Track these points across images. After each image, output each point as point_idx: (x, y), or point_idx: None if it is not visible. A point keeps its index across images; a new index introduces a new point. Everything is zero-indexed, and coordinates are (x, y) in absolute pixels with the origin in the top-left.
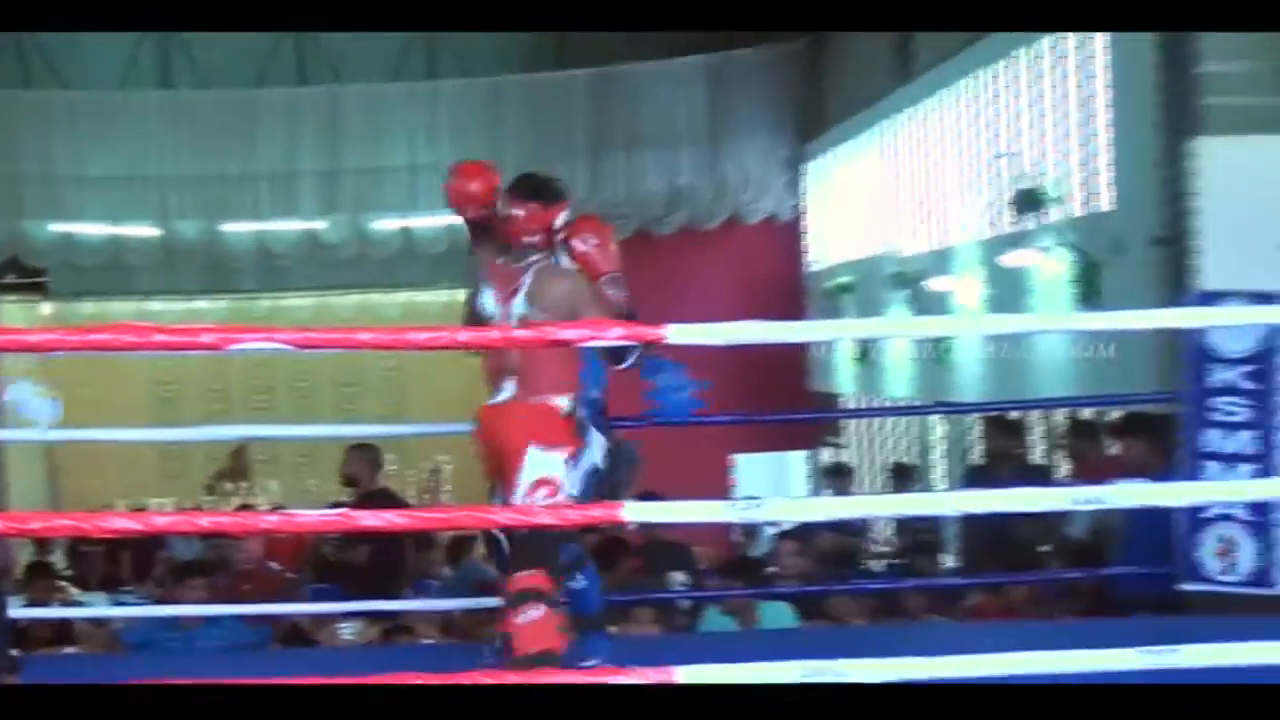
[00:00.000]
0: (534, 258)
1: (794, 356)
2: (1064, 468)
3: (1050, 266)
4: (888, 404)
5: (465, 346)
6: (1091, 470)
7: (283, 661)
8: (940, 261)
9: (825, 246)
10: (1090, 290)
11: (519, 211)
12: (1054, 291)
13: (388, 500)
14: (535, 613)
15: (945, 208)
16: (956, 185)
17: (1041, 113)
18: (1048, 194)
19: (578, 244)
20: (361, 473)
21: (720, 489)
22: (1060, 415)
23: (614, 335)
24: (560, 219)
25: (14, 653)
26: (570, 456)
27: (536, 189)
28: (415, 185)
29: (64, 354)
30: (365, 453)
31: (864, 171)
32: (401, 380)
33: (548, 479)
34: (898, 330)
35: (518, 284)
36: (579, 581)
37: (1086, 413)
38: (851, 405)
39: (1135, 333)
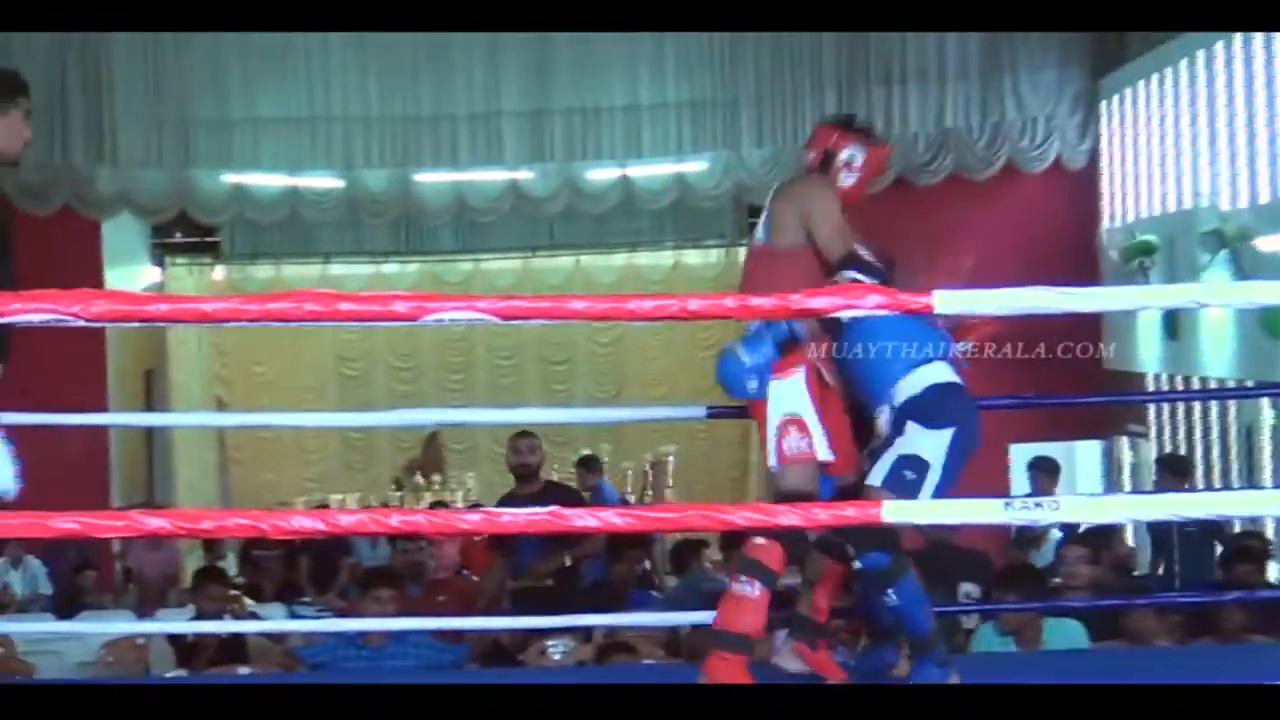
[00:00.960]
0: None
1: (1086, 329)
2: None
3: None
4: (1204, 386)
5: (695, 317)
6: None
7: (482, 682)
8: (1271, 217)
9: (1124, 199)
10: None
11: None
12: None
13: (563, 495)
14: (749, 589)
15: (1277, 152)
16: None
17: None
18: None
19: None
20: (530, 461)
21: (996, 485)
22: None
23: (871, 304)
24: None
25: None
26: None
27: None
28: (636, 128)
29: (237, 325)
30: (525, 440)
31: (1172, 111)
32: (619, 357)
33: (793, 416)
34: (1216, 298)
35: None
36: (891, 599)
37: None
38: (1155, 387)
39: None
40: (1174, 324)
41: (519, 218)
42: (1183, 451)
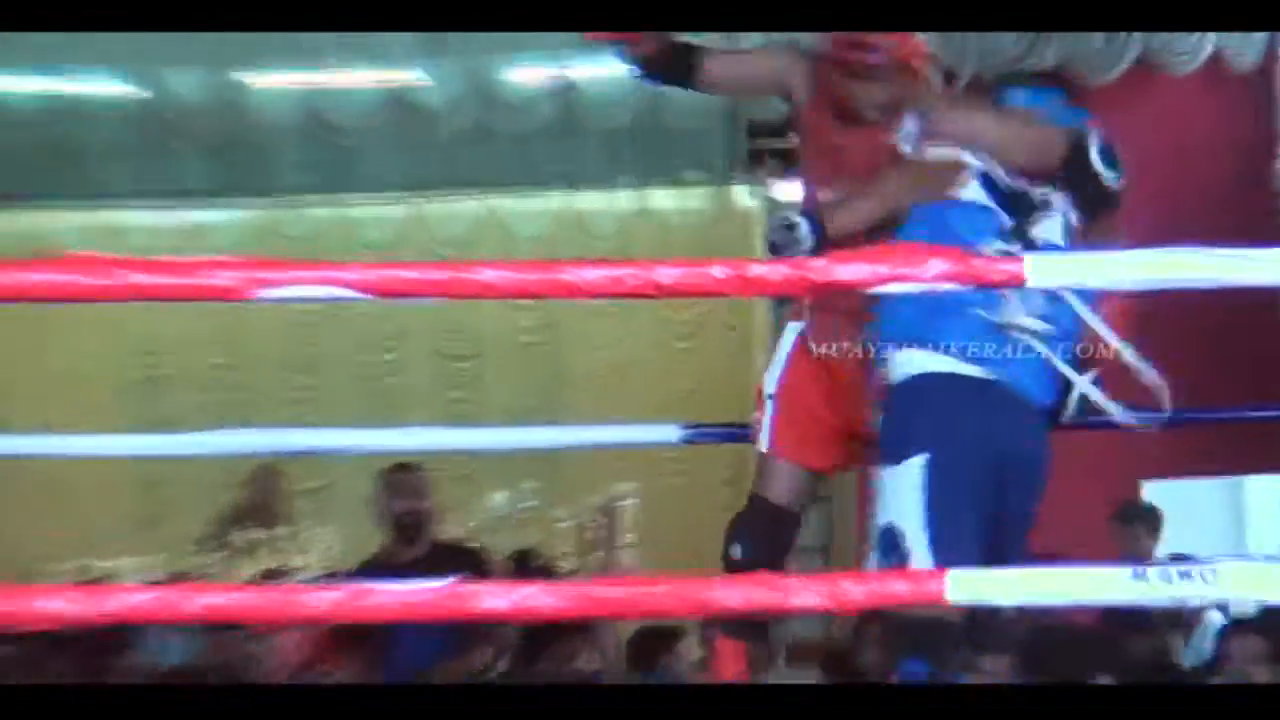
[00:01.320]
0: None
1: (1266, 309)
2: None
3: None
4: None
5: (668, 294)
6: None
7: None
8: None
9: None
10: None
11: None
12: None
13: (463, 561)
14: None
15: None
16: None
17: None
18: None
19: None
20: (415, 508)
21: (1110, 544)
22: None
23: (932, 274)
24: None
25: None
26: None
27: None
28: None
29: None
30: (407, 476)
31: None
32: (551, 351)
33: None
34: None
35: None
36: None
37: None
38: None
39: None
40: None
41: (402, 139)
42: None
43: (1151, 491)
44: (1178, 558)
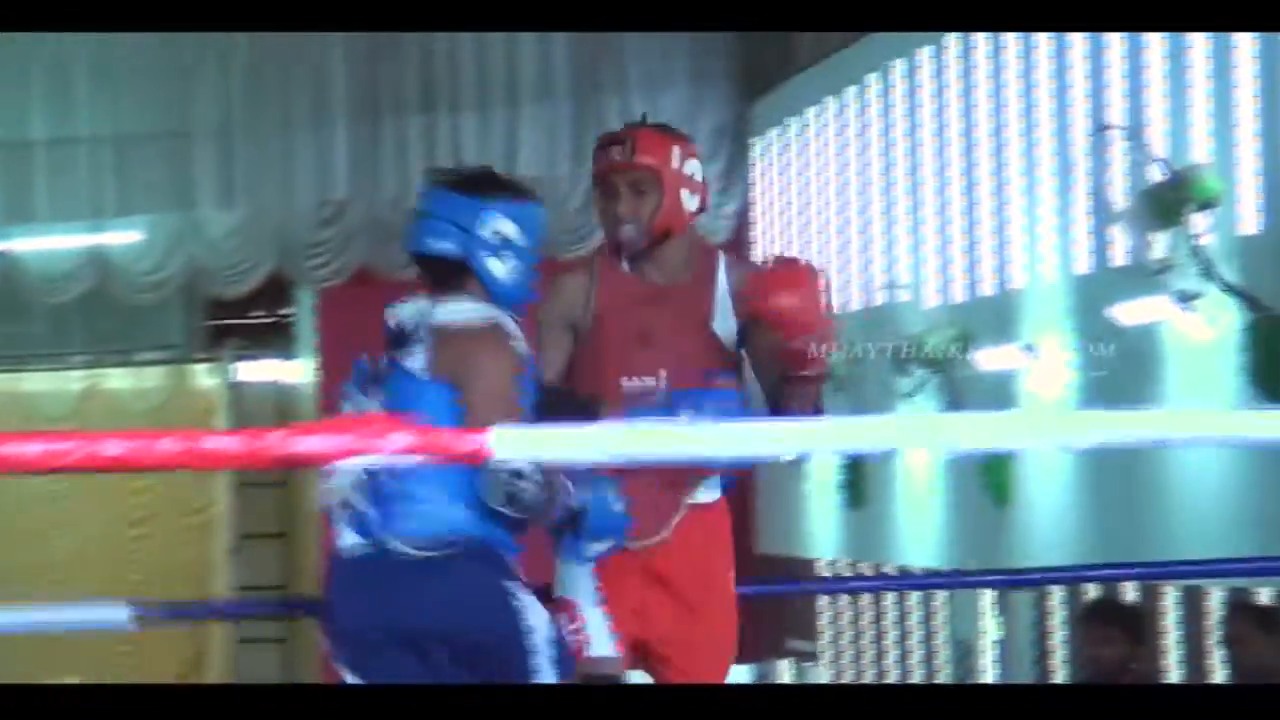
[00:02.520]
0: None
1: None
2: None
3: None
4: None
5: (116, 466)
6: None
7: None
8: (997, 315)
9: None
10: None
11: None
12: None
13: None
14: None
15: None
16: None
17: None
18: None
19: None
20: None
21: None
22: None
23: (394, 446)
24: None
25: None
26: None
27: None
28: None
29: None
30: None
31: (855, 152)
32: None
33: None
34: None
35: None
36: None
37: None
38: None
39: None
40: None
41: None
42: None
43: None
44: None
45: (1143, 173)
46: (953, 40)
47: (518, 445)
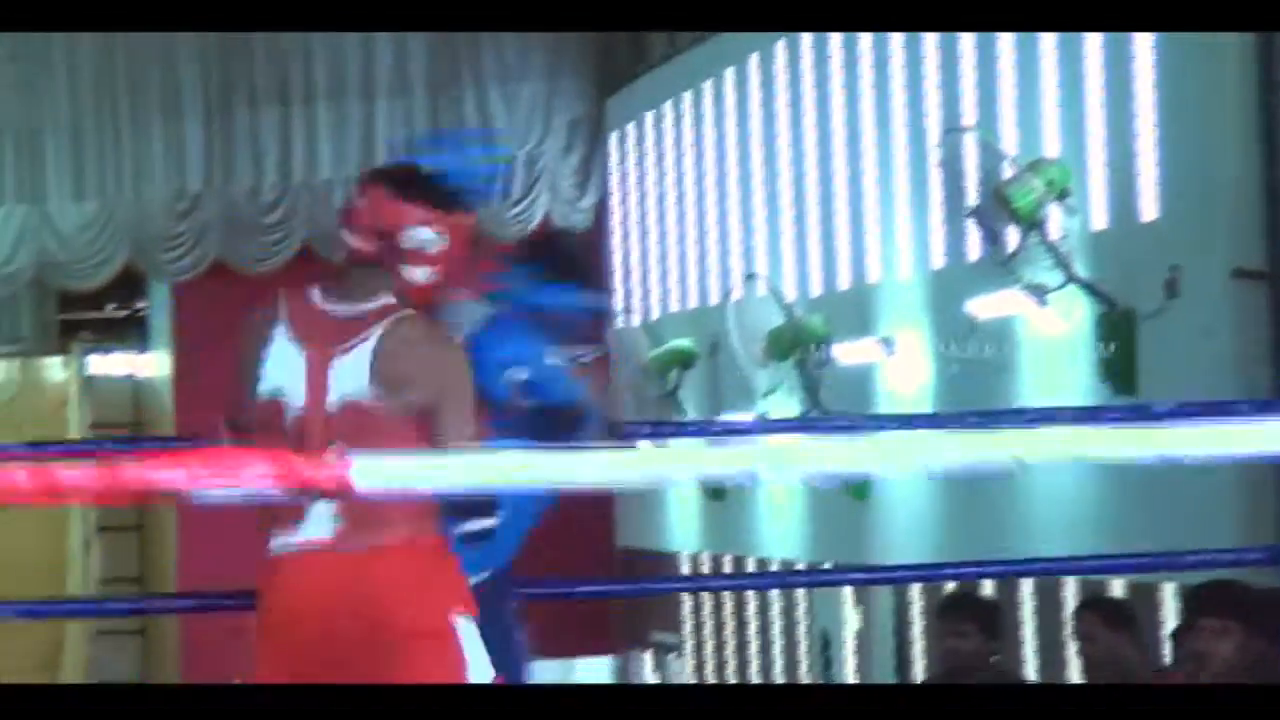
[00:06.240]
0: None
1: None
2: None
3: None
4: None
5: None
6: None
7: None
8: (857, 309)
9: (646, 284)
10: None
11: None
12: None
13: None
14: None
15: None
16: None
17: None
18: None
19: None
20: None
21: None
22: None
23: (254, 477)
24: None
25: None
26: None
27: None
28: None
29: None
30: None
31: (714, 147)
32: None
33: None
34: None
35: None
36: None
37: None
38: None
39: None
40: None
41: None
42: None
43: None
44: None
45: (995, 168)
46: (807, 36)
47: (380, 476)
